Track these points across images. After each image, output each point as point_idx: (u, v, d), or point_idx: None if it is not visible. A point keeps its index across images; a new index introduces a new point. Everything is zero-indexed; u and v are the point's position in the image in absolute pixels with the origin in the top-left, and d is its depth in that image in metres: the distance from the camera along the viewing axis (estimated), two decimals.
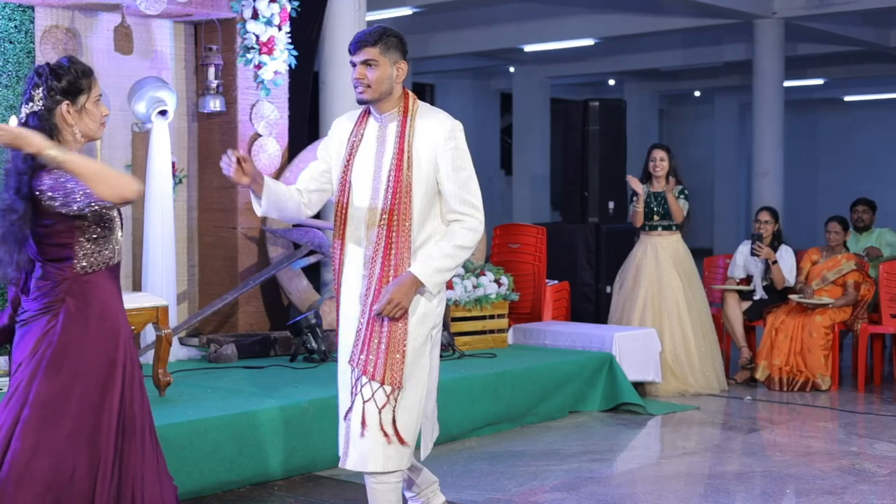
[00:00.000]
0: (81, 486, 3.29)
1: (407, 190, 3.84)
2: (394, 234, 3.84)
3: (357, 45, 3.88)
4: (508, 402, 6.44)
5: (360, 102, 3.94)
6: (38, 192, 3.24)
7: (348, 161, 3.94)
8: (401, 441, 3.83)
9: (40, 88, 3.34)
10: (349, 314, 3.95)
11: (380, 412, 3.80)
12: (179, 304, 7.41)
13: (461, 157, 3.90)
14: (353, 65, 3.90)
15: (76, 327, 3.32)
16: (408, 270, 3.83)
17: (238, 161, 3.75)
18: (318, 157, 4.08)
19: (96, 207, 3.26)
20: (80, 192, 3.21)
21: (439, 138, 3.87)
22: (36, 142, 3.19)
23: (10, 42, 6.65)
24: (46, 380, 3.28)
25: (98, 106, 3.43)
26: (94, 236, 3.36)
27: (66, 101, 3.35)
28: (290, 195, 3.97)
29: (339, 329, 4.00)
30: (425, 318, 3.90)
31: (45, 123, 3.32)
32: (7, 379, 3.76)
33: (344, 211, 3.94)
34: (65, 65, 3.38)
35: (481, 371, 6.46)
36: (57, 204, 3.23)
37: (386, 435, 3.80)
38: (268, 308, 7.65)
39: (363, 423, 3.80)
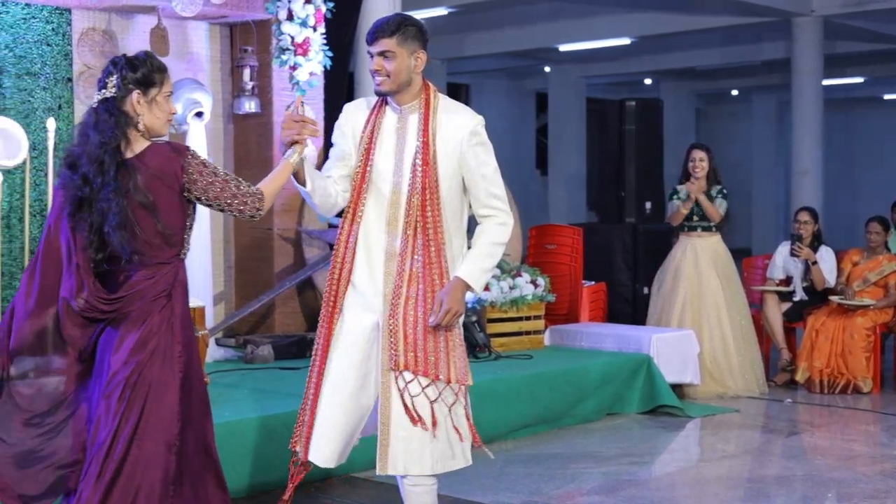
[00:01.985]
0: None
1: (435, 185, 3.79)
2: (430, 230, 3.78)
3: (374, 36, 3.81)
4: (545, 404, 6.40)
5: (379, 94, 3.87)
6: (185, 182, 3.45)
7: (367, 152, 3.86)
8: (475, 440, 3.83)
9: (114, 76, 3.46)
10: (371, 309, 3.82)
11: (450, 410, 3.76)
12: (216, 304, 7.42)
13: (487, 153, 3.86)
14: (371, 55, 3.84)
15: (185, 306, 3.55)
16: (455, 275, 3.78)
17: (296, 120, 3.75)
18: (336, 142, 3.97)
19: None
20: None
21: (464, 133, 3.81)
22: None
23: (48, 45, 6.69)
24: (192, 360, 3.52)
25: (168, 102, 3.54)
26: (192, 223, 3.60)
27: (138, 91, 3.46)
28: (329, 183, 3.90)
29: (346, 329, 3.84)
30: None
31: (114, 111, 3.43)
32: None
33: (360, 205, 3.85)
34: (141, 57, 3.51)
35: (518, 372, 6.43)
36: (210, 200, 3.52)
37: (458, 432, 3.77)
38: (304, 309, 7.65)
39: (435, 424, 3.73)
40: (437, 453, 3.76)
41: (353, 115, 3.96)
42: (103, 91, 3.46)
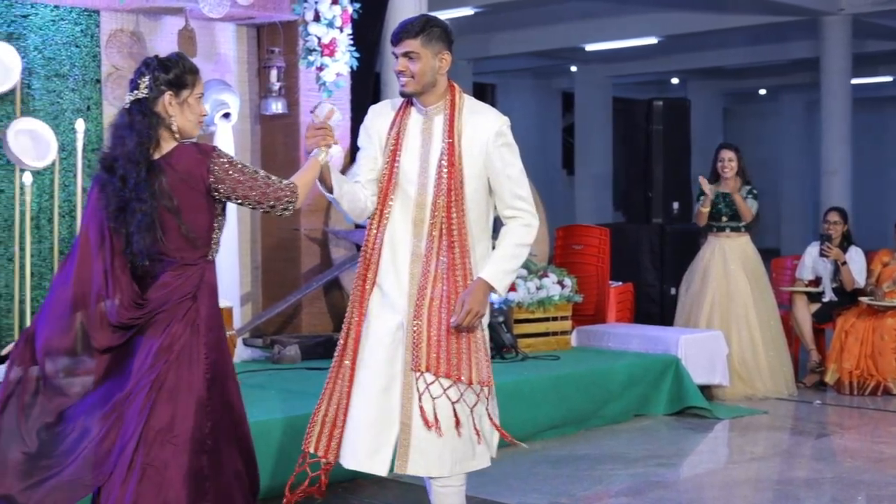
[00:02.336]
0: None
1: (460, 186, 3.78)
2: (455, 231, 3.78)
3: (398, 37, 3.81)
4: (572, 405, 6.38)
5: (403, 95, 3.87)
6: (212, 182, 3.43)
7: (393, 154, 3.86)
8: (504, 437, 3.85)
9: (146, 77, 3.46)
10: (396, 310, 3.82)
11: (471, 411, 3.76)
12: (243, 305, 7.45)
13: (512, 154, 3.85)
14: (396, 56, 3.84)
15: (211, 308, 3.53)
16: (478, 276, 3.78)
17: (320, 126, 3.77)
18: (362, 146, 3.98)
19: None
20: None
21: (490, 134, 3.81)
22: None
23: (77, 46, 6.74)
24: (221, 360, 3.51)
25: (199, 103, 3.54)
26: (221, 226, 3.58)
27: (170, 93, 3.46)
28: (358, 188, 3.91)
29: (372, 331, 3.84)
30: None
31: (147, 112, 3.43)
32: None
33: (387, 207, 3.85)
34: (174, 58, 3.52)
35: (544, 373, 6.41)
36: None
37: (478, 433, 3.77)
38: (331, 309, 7.66)
39: (458, 425, 3.73)
40: (457, 454, 3.77)
41: (378, 117, 3.96)
42: (135, 92, 3.46)
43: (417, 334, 3.77)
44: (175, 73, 3.47)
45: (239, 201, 3.51)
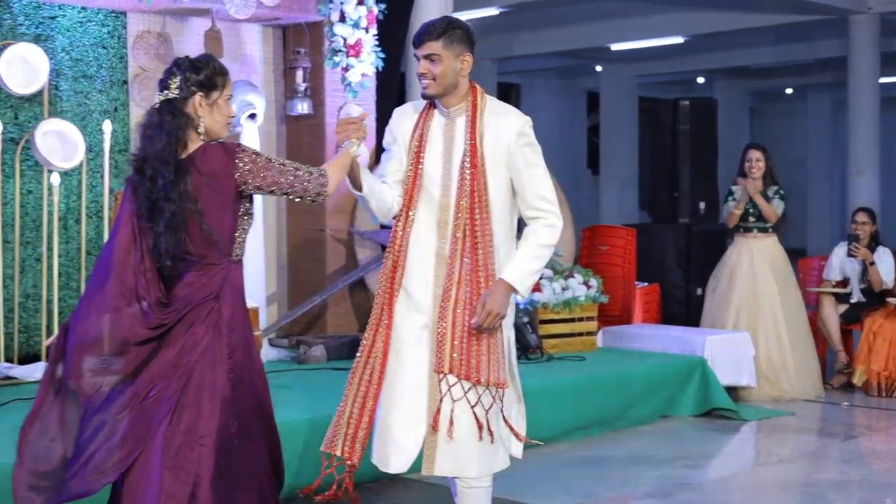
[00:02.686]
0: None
1: (483, 187, 3.78)
2: (478, 232, 3.77)
3: (420, 39, 3.81)
4: (598, 406, 6.37)
5: (425, 97, 3.88)
6: (238, 175, 3.42)
7: (417, 156, 3.86)
8: (518, 437, 3.86)
9: (177, 78, 3.47)
10: (421, 312, 3.82)
11: (487, 412, 3.75)
12: (269, 305, 7.47)
13: (535, 154, 3.84)
14: (417, 58, 3.85)
15: (235, 308, 3.51)
16: (500, 277, 3.76)
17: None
18: (388, 147, 3.99)
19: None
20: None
21: (512, 135, 3.80)
22: None
23: (104, 47, 6.77)
24: (247, 360, 3.51)
25: (227, 105, 3.55)
26: (247, 226, 3.56)
27: (200, 94, 3.47)
28: (385, 188, 3.92)
29: (397, 331, 3.85)
30: (507, 318, 3.86)
31: (177, 112, 3.44)
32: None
33: (412, 208, 3.85)
34: (204, 60, 3.53)
35: (570, 374, 6.40)
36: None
37: (491, 434, 3.76)
38: (356, 309, 7.67)
39: (480, 428, 3.73)
40: (483, 455, 3.77)
41: (402, 119, 3.97)
42: (165, 92, 3.47)
43: (441, 336, 3.77)
44: (206, 74, 3.48)
45: (270, 190, 3.50)
